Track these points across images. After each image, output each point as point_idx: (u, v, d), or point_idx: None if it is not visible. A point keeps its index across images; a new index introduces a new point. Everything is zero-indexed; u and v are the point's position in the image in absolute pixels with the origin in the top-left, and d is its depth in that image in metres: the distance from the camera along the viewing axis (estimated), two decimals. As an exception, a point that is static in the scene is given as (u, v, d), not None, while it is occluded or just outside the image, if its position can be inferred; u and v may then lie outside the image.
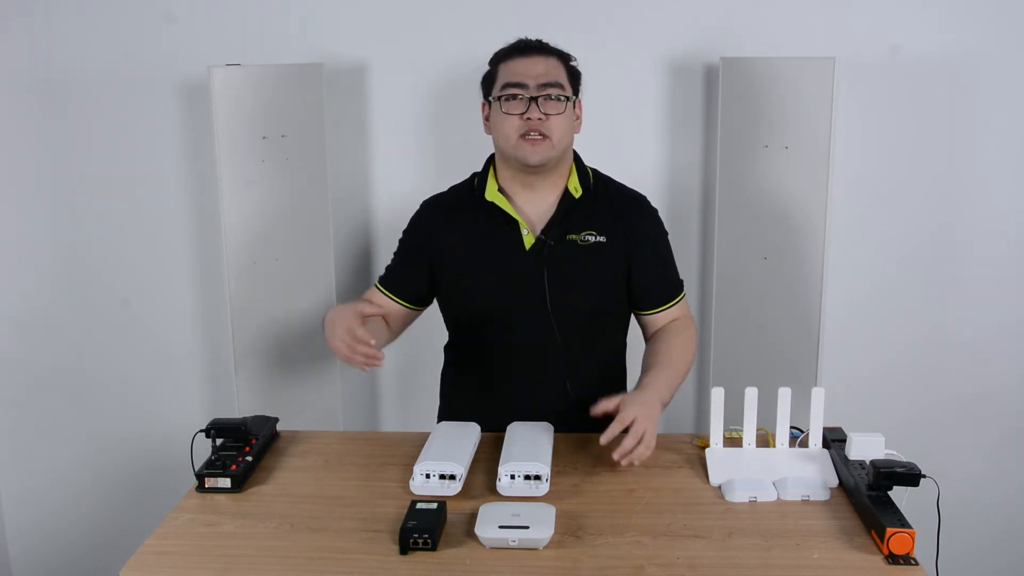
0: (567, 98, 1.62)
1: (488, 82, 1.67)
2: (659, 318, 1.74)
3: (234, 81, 2.05)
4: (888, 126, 2.19)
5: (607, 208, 1.70)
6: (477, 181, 1.71)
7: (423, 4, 2.15)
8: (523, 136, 1.60)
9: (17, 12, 2.19)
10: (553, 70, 1.62)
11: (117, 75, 2.20)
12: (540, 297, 1.64)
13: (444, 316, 1.80)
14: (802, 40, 2.11)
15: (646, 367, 1.66)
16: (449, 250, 1.71)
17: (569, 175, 1.70)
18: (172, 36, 2.18)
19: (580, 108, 1.70)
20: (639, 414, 1.45)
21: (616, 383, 1.79)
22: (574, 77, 1.67)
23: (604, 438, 1.43)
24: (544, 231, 1.66)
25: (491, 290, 1.67)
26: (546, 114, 1.59)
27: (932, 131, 2.19)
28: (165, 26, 2.17)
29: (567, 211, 1.67)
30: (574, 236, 1.66)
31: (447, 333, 1.82)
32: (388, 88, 2.21)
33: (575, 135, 1.70)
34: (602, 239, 1.67)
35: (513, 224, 1.66)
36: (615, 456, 1.42)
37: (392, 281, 1.77)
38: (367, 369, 1.52)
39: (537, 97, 1.59)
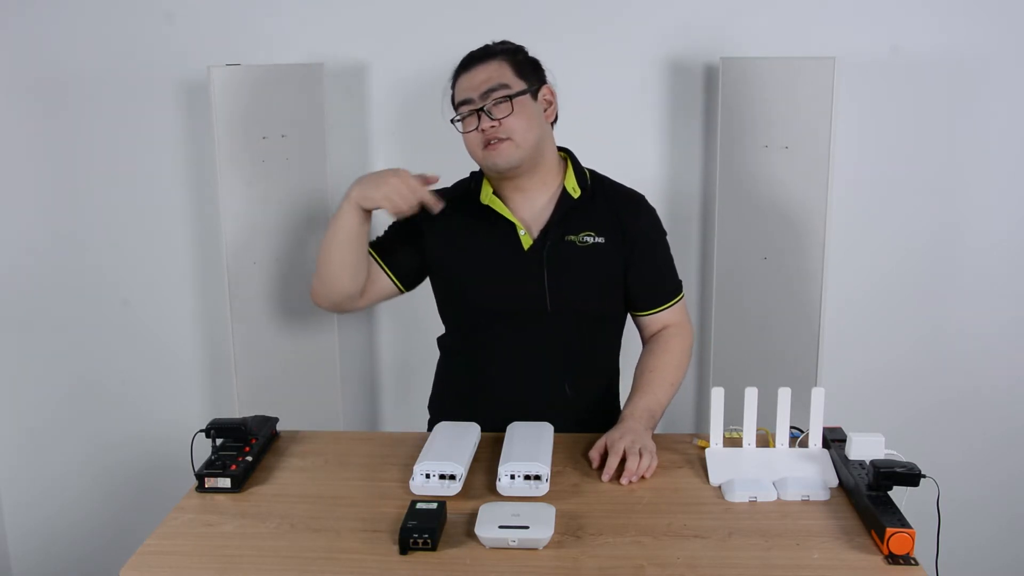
0: (515, 95, 1.59)
1: (453, 106, 1.68)
2: (655, 320, 1.74)
3: (234, 81, 2.05)
4: (888, 126, 2.19)
5: (605, 208, 1.69)
6: (473, 185, 1.71)
7: (423, 4, 2.16)
8: (485, 146, 1.60)
9: (17, 11, 2.19)
10: (495, 73, 1.61)
11: (117, 75, 2.21)
12: (540, 298, 1.64)
13: (441, 314, 1.79)
14: (802, 40, 2.12)
15: (634, 387, 1.67)
16: (446, 246, 1.70)
17: (565, 175, 1.69)
18: (172, 36, 2.18)
19: (552, 93, 1.68)
20: (627, 441, 1.47)
21: (610, 382, 1.80)
22: (526, 69, 1.64)
23: (605, 476, 1.43)
24: (543, 232, 1.66)
25: (490, 291, 1.67)
26: (497, 119, 1.58)
27: (932, 131, 2.19)
28: (165, 26, 2.17)
29: (565, 212, 1.66)
30: (572, 237, 1.66)
31: (442, 327, 1.82)
32: (388, 88, 2.21)
33: (551, 123, 1.68)
34: (600, 240, 1.66)
35: (509, 226, 1.66)
36: (623, 481, 1.42)
37: (383, 249, 1.74)
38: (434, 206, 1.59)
39: (482, 107, 1.59)
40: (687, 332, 1.76)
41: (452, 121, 1.66)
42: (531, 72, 1.66)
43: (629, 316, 1.78)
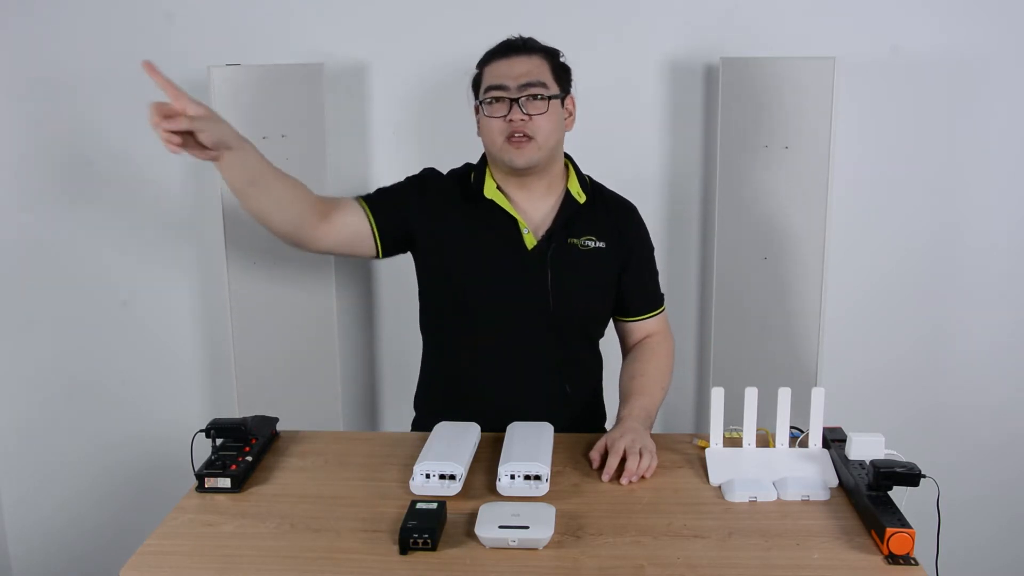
0: (551, 97, 1.60)
1: (476, 85, 1.67)
2: (640, 327, 1.76)
3: (234, 81, 2.05)
4: (888, 126, 2.19)
5: (605, 215, 1.71)
6: (474, 177, 1.70)
7: (423, 4, 2.15)
8: (508, 139, 1.59)
9: (17, 11, 2.19)
10: (536, 69, 1.61)
11: (117, 75, 2.20)
12: (542, 298, 1.64)
13: (426, 307, 1.77)
14: (802, 40, 2.11)
15: (624, 394, 1.67)
16: (442, 236, 1.67)
17: (568, 178, 1.70)
18: (172, 36, 2.18)
19: (573, 104, 1.69)
20: (627, 440, 1.47)
21: (596, 379, 1.81)
22: (561, 73, 1.65)
23: (605, 476, 1.44)
24: (547, 233, 1.66)
25: (489, 287, 1.66)
26: (528, 115, 1.58)
27: (932, 131, 2.19)
28: (165, 26, 2.17)
29: (569, 215, 1.67)
30: (575, 240, 1.67)
31: (425, 321, 1.80)
32: (388, 88, 2.21)
33: (568, 132, 1.69)
34: (601, 245, 1.68)
35: (512, 223, 1.66)
36: (623, 481, 1.42)
37: (373, 202, 1.68)
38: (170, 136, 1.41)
39: (518, 98, 1.58)
40: (670, 341, 1.79)
41: (479, 103, 1.64)
42: (564, 78, 1.67)
43: (612, 323, 1.79)
